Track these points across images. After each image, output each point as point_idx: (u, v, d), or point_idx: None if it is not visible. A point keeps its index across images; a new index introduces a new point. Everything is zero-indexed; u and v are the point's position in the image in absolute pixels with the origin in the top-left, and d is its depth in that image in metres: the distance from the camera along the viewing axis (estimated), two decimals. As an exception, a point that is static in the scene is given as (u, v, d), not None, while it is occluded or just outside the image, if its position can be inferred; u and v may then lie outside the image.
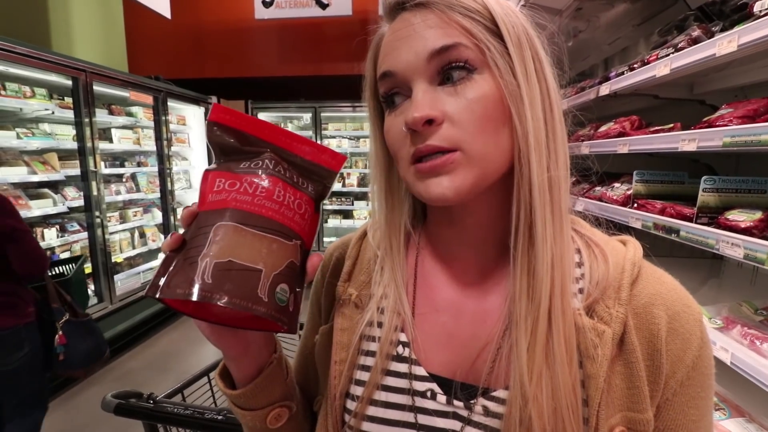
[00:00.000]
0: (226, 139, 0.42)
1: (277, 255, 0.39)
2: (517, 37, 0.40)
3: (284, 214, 0.40)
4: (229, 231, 0.38)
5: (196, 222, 0.40)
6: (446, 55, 0.39)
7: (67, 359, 1.79)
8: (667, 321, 0.39)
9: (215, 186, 0.41)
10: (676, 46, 1.16)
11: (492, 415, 0.41)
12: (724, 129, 0.92)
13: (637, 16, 1.77)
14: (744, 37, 0.90)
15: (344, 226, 5.22)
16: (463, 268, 0.47)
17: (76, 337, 1.82)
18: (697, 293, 1.49)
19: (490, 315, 0.44)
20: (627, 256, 0.43)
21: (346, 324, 0.49)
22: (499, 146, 0.40)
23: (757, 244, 0.84)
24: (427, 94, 0.39)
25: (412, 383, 0.44)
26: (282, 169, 0.42)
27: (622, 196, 1.41)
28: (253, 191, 0.40)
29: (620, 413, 0.38)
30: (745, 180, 1.04)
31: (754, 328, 0.97)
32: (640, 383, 0.38)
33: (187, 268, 0.37)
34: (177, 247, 0.39)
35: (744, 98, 1.25)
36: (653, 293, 0.41)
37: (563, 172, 0.42)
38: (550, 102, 0.42)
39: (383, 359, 0.45)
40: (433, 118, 0.38)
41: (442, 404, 0.43)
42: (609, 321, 0.39)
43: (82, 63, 3.06)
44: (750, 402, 1.03)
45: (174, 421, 0.97)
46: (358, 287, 0.50)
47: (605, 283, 0.41)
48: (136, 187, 3.86)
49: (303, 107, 5.02)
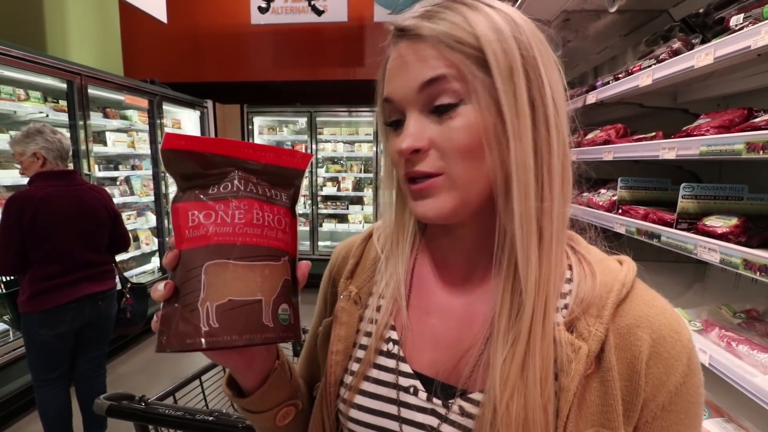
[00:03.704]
0: (186, 166, 0.40)
1: (271, 279, 0.40)
2: (508, 67, 0.40)
3: (268, 236, 0.41)
4: (220, 269, 0.38)
5: (182, 264, 0.39)
6: (434, 86, 0.41)
7: (132, 317, 2.33)
8: (650, 344, 0.40)
9: (190, 220, 0.39)
10: (658, 57, 1.20)
11: (467, 415, 0.43)
12: (701, 138, 0.96)
13: (624, 26, 1.82)
14: (720, 50, 0.93)
15: (339, 230, 5.23)
16: (455, 274, 0.49)
17: (137, 299, 2.37)
18: (682, 297, 1.53)
19: (476, 320, 0.46)
20: (618, 276, 0.43)
21: (345, 318, 0.52)
22: (481, 172, 0.41)
23: (732, 249, 0.87)
24: (417, 123, 0.42)
25: (398, 378, 0.48)
26: (253, 187, 0.42)
27: (608, 202, 1.44)
28: (232, 220, 0.39)
29: (593, 428, 0.39)
30: (723, 187, 1.07)
31: (731, 331, 1.00)
32: (614, 402, 0.39)
33: (189, 316, 0.37)
34: (171, 296, 0.39)
35: (725, 107, 1.29)
36: (639, 315, 0.41)
37: (559, 202, 0.42)
38: (548, 132, 0.41)
39: (373, 353, 0.49)
40: (419, 149, 0.41)
41: (423, 401, 0.46)
42: (587, 338, 0.40)
43: (78, 66, 3.06)
44: (728, 402, 1.06)
45: (166, 423, 0.98)
46: (359, 285, 0.54)
47: (589, 301, 0.42)
48: (130, 190, 3.86)
49: (298, 112, 5.04)
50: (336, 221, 5.25)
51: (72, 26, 4.11)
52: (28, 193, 1.87)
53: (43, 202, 1.85)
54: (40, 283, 1.87)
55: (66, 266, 1.92)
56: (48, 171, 1.93)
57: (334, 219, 5.27)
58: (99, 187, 2.17)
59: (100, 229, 2.04)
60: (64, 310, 1.91)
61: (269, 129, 5.35)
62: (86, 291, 1.98)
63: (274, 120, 5.40)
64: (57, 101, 3.08)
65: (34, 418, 2.54)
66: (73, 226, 1.93)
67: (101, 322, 2.11)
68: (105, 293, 2.07)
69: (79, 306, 1.96)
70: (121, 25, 4.88)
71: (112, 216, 2.10)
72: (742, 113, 0.97)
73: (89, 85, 3.15)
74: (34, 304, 1.87)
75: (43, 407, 2.01)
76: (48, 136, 1.91)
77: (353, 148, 5.15)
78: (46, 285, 1.88)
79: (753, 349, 0.90)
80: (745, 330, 1.01)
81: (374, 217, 5.05)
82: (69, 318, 1.94)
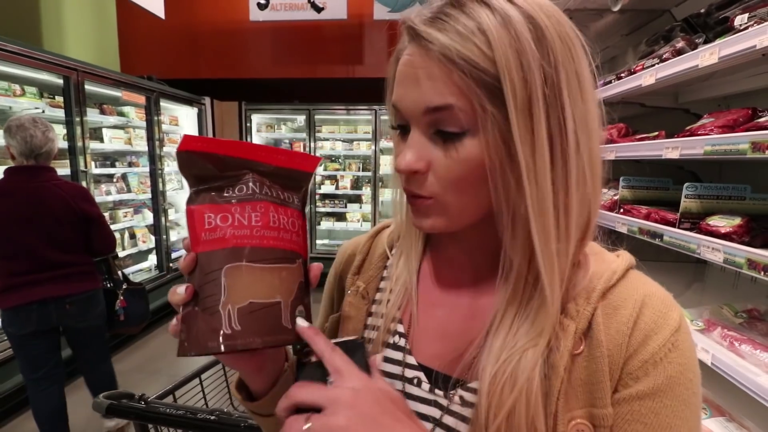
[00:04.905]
0: (201, 167, 0.40)
1: (288, 282, 0.40)
2: (526, 100, 0.36)
3: (284, 238, 0.41)
4: (240, 272, 0.38)
5: (200, 267, 0.39)
6: (439, 114, 0.39)
7: (126, 319, 2.27)
8: (634, 318, 0.40)
9: (206, 223, 0.39)
10: (661, 56, 1.20)
11: (468, 405, 0.44)
12: (705, 138, 0.96)
13: (625, 26, 1.82)
14: (725, 49, 0.93)
15: (337, 228, 5.22)
16: (460, 270, 0.50)
17: (132, 301, 2.30)
18: (682, 296, 1.53)
19: (481, 313, 0.47)
20: (612, 266, 0.43)
21: (353, 312, 0.53)
22: (475, 204, 0.41)
23: (736, 248, 0.87)
24: (418, 144, 0.41)
25: (404, 370, 0.48)
26: (268, 190, 0.42)
27: (610, 202, 1.45)
28: (249, 223, 0.39)
29: (584, 408, 0.39)
30: (726, 187, 1.07)
31: (733, 330, 1.00)
32: (603, 378, 0.39)
33: (210, 319, 0.37)
34: (191, 299, 0.39)
35: (726, 108, 1.29)
36: (627, 297, 0.41)
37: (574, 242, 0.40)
38: (565, 166, 0.38)
39: (379, 345, 0.50)
40: (416, 171, 0.41)
41: (426, 392, 0.47)
42: (575, 317, 0.41)
43: (74, 62, 3.03)
44: (730, 402, 1.06)
45: (166, 422, 0.97)
46: (366, 280, 0.54)
47: (580, 287, 0.42)
48: (126, 187, 3.83)
49: (297, 109, 5.02)
50: (334, 219, 5.24)
51: (68, 21, 4.07)
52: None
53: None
54: (4, 280, 1.84)
55: (28, 265, 1.85)
56: (15, 167, 1.89)
57: (333, 217, 5.26)
58: (71, 185, 2.03)
59: (60, 227, 1.90)
60: (27, 310, 1.84)
61: (267, 127, 5.32)
62: (49, 293, 1.87)
63: (273, 118, 5.37)
64: (53, 97, 3.05)
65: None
66: (28, 222, 1.84)
67: (81, 326, 2.01)
68: (73, 296, 1.94)
69: (43, 308, 1.87)
70: (118, 21, 4.84)
71: (80, 215, 1.96)
72: (747, 113, 0.97)
73: (86, 80, 3.12)
74: (1, 300, 1.84)
75: (33, 407, 1.99)
76: (20, 132, 1.84)
77: (352, 146, 5.13)
78: (10, 282, 1.84)
79: (756, 348, 0.91)
80: (746, 329, 1.01)
81: (372, 216, 5.04)
82: (34, 319, 1.86)
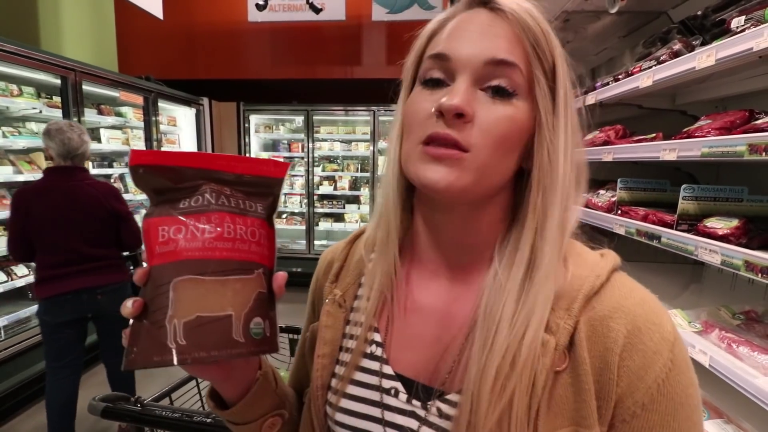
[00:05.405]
0: (156, 181, 0.40)
1: (242, 293, 0.39)
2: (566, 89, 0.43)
3: (240, 249, 0.40)
4: (189, 285, 0.37)
5: (152, 280, 0.38)
6: (501, 69, 0.40)
7: None
8: (625, 335, 0.38)
9: (160, 236, 0.39)
10: (659, 58, 1.20)
11: (445, 417, 0.43)
12: (702, 140, 0.96)
13: (622, 28, 1.82)
14: (722, 51, 0.94)
15: (335, 229, 5.21)
16: (435, 272, 0.48)
17: None
18: (679, 298, 1.53)
19: (456, 319, 0.46)
20: (595, 269, 0.42)
21: (330, 321, 0.52)
22: (502, 165, 0.42)
23: (733, 250, 0.87)
24: (468, 90, 0.40)
25: (381, 381, 0.47)
26: (225, 199, 0.41)
27: (607, 203, 1.45)
28: (202, 235, 0.38)
29: (570, 427, 0.38)
30: (723, 189, 1.07)
31: (731, 332, 1.00)
32: (588, 397, 0.37)
33: (157, 333, 0.36)
34: (140, 312, 0.38)
35: (723, 110, 1.29)
36: (614, 306, 0.39)
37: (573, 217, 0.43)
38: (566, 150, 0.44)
39: (356, 356, 0.48)
40: (465, 113, 0.39)
41: (403, 402, 0.45)
42: (555, 332, 0.39)
43: (72, 62, 3.02)
44: (728, 404, 1.06)
45: (162, 425, 0.96)
46: (344, 288, 0.53)
47: (560, 294, 0.40)
48: (124, 188, 3.82)
49: (295, 110, 5.01)
50: (332, 220, 5.23)
51: (66, 21, 4.06)
52: (27, 187, 2.02)
53: (35, 195, 1.97)
54: (42, 272, 2.00)
55: (63, 258, 2.00)
56: (53, 167, 2.06)
57: (331, 218, 5.25)
58: (103, 184, 2.20)
59: (94, 223, 2.08)
60: (62, 300, 1.99)
61: (266, 127, 5.32)
62: (83, 284, 2.02)
63: (271, 118, 5.37)
64: (51, 97, 3.04)
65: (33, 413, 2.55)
66: (64, 218, 1.99)
67: (109, 316, 2.15)
68: (104, 287, 2.10)
69: (77, 298, 2.02)
70: (116, 21, 4.83)
71: (111, 213, 2.13)
72: (744, 115, 0.97)
73: (83, 81, 3.11)
74: (39, 290, 1.99)
75: (48, 396, 2.08)
76: (59, 135, 2.00)
77: (350, 147, 5.13)
78: (47, 274, 1.98)
79: (753, 350, 0.91)
80: (744, 331, 1.01)
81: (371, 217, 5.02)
82: (68, 308, 2.01)
